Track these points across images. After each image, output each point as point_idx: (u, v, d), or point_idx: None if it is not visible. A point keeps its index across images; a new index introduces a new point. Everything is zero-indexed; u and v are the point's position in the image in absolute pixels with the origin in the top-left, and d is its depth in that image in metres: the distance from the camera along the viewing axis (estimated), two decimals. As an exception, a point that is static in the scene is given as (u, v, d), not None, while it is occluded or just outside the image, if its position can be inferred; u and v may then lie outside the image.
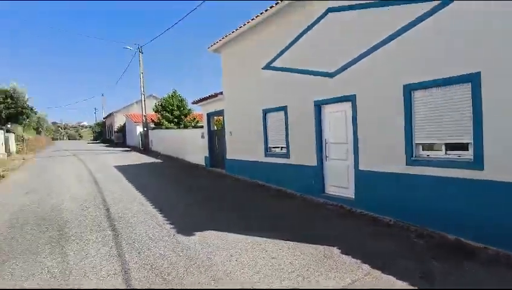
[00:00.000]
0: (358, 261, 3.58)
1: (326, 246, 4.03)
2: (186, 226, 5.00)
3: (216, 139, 12.42)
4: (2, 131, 18.50)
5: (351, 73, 5.72)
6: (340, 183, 6.27)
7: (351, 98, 5.79)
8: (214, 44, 10.36)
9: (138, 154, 20.57)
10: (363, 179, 5.63)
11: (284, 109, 7.74)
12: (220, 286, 3.13)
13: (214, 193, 8.01)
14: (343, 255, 3.76)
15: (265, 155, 8.65)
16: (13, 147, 20.44)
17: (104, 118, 49.72)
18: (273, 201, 6.87)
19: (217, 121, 14.00)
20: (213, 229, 4.78)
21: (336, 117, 6.33)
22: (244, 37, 9.19)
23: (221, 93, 10.92)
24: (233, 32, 9.21)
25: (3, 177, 10.67)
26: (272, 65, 7.98)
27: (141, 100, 24.18)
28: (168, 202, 6.73)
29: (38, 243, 4.44)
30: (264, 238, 4.36)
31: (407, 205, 4.81)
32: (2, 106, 22.79)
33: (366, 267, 3.43)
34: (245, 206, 6.53)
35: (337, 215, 5.59)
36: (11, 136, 20.41)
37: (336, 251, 3.90)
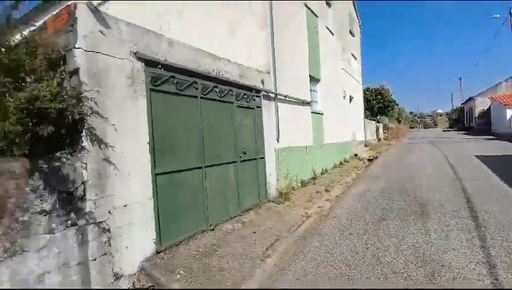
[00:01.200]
0: None
1: None
2: None
3: None
4: (374, 122, 23.32)
5: None
6: None
7: None
8: None
9: (509, 144, 16.84)
10: None
11: None
12: None
13: None
14: None
15: None
16: (381, 134, 24.97)
17: (461, 104, 45.89)
18: None
19: None
20: None
21: None
22: None
23: None
24: None
25: (376, 158, 13.59)
26: None
27: (514, 77, 19.48)
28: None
29: (404, 212, 5.33)
30: None
31: None
32: (374, 101, 28.57)
33: None
34: None
35: None
36: (380, 126, 25.02)
37: None
